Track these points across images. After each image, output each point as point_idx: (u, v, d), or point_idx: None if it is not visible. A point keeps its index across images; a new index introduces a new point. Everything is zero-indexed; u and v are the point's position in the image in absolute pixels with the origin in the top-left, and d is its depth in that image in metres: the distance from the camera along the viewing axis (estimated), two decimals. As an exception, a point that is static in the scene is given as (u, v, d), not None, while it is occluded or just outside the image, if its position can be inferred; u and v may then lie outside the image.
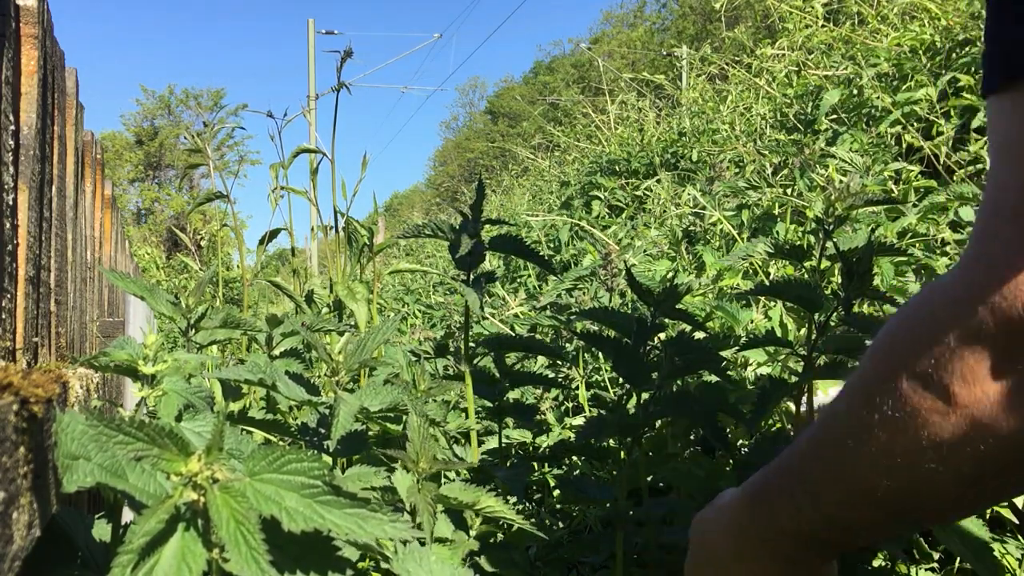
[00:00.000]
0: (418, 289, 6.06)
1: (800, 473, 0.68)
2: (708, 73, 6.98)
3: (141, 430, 0.56)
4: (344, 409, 0.94)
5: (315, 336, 1.07)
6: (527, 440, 1.87)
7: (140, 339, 0.84)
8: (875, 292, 1.18)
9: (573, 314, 2.01)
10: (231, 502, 0.56)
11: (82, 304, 1.65)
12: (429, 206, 25.43)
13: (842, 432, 0.62)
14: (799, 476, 0.68)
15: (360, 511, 0.59)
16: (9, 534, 0.50)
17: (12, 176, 0.86)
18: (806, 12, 4.51)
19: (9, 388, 0.55)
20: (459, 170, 35.31)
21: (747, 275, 2.61)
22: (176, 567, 0.54)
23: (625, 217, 5.25)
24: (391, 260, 7.69)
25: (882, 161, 3.01)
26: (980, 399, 0.52)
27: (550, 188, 7.80)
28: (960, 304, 0.53)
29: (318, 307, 1.90)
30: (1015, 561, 1.40)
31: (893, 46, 3.59)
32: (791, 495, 0.68)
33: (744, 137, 4.67)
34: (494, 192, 10.09)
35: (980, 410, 0.52)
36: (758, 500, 0.73)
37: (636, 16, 34.50)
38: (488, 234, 1.30)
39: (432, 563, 0.81)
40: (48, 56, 1.03)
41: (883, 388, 0.58)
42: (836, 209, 1.38)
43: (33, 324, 0.97)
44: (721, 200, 3.35)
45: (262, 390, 1.29)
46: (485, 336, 2.23)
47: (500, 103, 38.47)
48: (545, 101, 20.41)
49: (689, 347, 1.21)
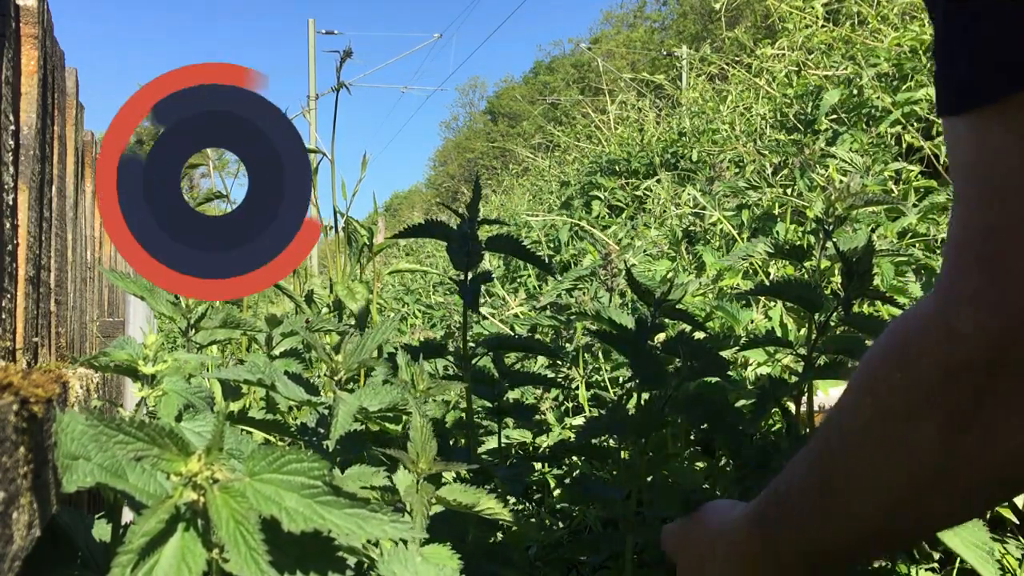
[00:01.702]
0: (418, 289, 6.06)
1: (796, 508, 0.68)
2: (708, 73, 6.98)
3: (141, 430, 0.56)
4: (343, 409, 0.94)
5: (314, 336, 1.07)
6: (527, 440, 1.87)
7: (140, 339, 0.84)
8: (875, 292, 1.18)
9: (573, 314, 2.01)
10: (231, 502, 0.56)
11: (82, 304, 1.65)
12: (429, 206, 25.42)
13: (827, 472, 0.63)
14: (795, 511, 0.68)
15: (360, 511, 0.59)
16: (9, 534, 0.50)
17: (12, 176, 0.86)
18: (806, 12, 4.51)
19: (9, 388, 0.55)
20: (459, 170, 35.30)
21: (747, 275, 2.61)
22: (176, 567, 0.54)
23: (625, 217, 5.25)
24: (391, 260, 7.69)
25: (882, 161, 3.01)
26: (961, 438, 0.52)
27: (550, 188, 7.80)
28: (935, 341, 0.53)
29: (318, 307, 1.90)
30: (1015, 561, 1.40)
31: (893, 46, 3.59)
32: (789, 527, 0.68)
33: (744, 137, 4.67)
34: (494, 192, 10.10)
35: (961, 444, 0.52)
36: (764, 528, 0.72)
37: (636, 16, 34.51)
38: (487, 234, 1.30)
39: (418, 564, 0.81)
40: (48, 56, 1.03)
41: (863, 426, 0.58)
42: (836, 209, 1.38)
43: (33, 324, 0.97)
44: (721, 200, 3.35)
45: (262, 390, 1.29)
46: (485, 336, 2.23)
47: (500, 103, 38.47)
48: (545, 101, 20.41)
49: (697, 348, 1.21)
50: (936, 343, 0.53)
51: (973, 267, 0.51)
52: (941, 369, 0.52)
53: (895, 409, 0.55)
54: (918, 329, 0.55)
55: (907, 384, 0.54)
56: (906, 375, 0.55)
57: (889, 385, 0.56)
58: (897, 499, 0.57)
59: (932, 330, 0.53)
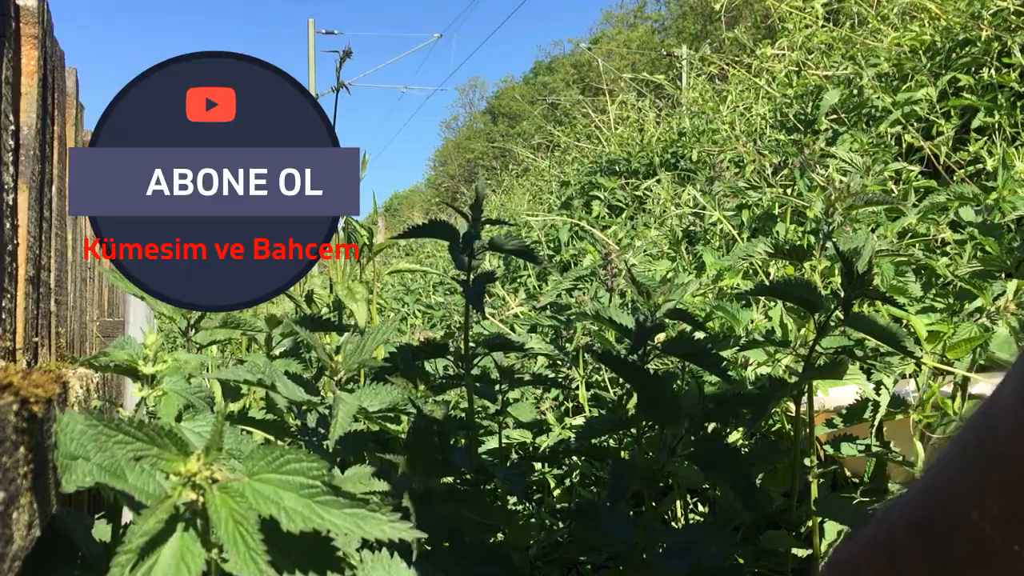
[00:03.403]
0: (418, 289, 6.06)
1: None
2: (708, 73, 6.98)
3: (140, 430, 0.56)
4: (343, 409, 0.94)
5: (314, 336, 1.07)
6: (527, 440, 1.87)
7: (140, 339, 0.84)
8: (875, 292, 1.18)
9: (573, 314, 2.01)
10: (230, 502, 0.56)
11: (82, 304, 1.65)
12: (429, 206, 25.42)
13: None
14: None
15: (359, 511, 0.59)
16: (9, 534, 0.50)
17: (12, 176, 0.86)
18: (806, 12, 4.51)
19: (9, 388, 0.55)
20: (459, 170, 35.29)
21: (747, 275, 2.61)
22: (175, 567, 0.54)
23: (625, 217, 5.25)
24: (391, 260, 7.69)
25: (882, 161, 3.01)
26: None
27: (550, 188, 7.80)
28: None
29: (318, 307, 1.90)
30: (1015, 561, 1.40)
31: (893, 46, 3.59)
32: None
33: (744, 137, 4.67)
34: (494, 192, 10.09)
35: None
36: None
37: (636, 16, 34.51)
38: (488, 234, 1.30)
39: (401, 571, 0.80)
40: (48, 56, 1.03)
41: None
42: (836, 209, 1.38)
43: (33, 324, 0.97)
44: (721, 200, 3.35)
45: (262, 390, 1.29)
46: (485, 336, 2.23)
47: (500, 103, 38.47)
48: (545, 101, 20.40)
49: (692, 346, 1.20)
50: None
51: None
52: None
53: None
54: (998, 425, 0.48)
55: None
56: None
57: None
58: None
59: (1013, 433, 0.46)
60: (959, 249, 2.18)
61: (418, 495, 0.93)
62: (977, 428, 0.53)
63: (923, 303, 1.81)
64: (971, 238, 2.11)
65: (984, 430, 0.51)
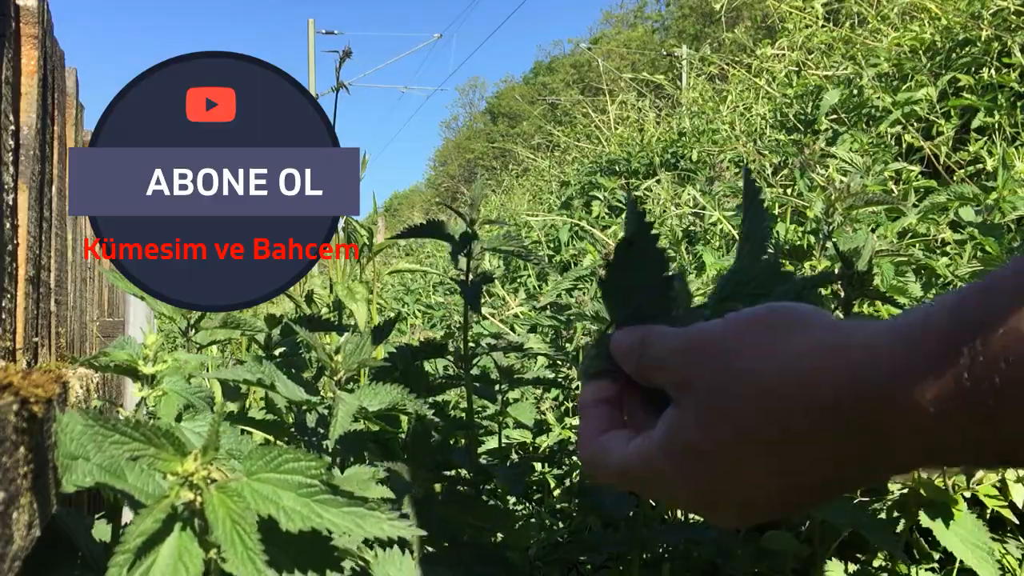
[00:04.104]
0: (418, 289, 6.06)
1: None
2: (708, 73, 6.98)
3: (137, 430, 0.56)
4: (343, 409, 0.94)
5: (314, 336, 1.07)
6: (527, 440, 1.87)
7: (140, 339, 0.84)
8: (875, 292, 1.18)
9: (573, 314, 2.01)
10: (227, 502, 0.56)
11: (82, 304, 1.65)
12: (429, 206, 25.42)
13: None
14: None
15: (358, 510, 0.59)
16: (9, 534, 0.50)
17: (12, 176, 0.86)
18: (806, 12, 4.51)
19: (9, 388, 0.55)
20: (459, 170, 35.30)
21: (747, 275, 2.60)
22: (173, 567, 0.54)
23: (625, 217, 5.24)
24: (391, 260, 7.69)
25: (882, 161, 3.01)
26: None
27: (550, 188, 7.80)
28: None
29: (318, 307, 1.90)
30: (1015, 561, 1.40)
31: (893, 46, 3.59)
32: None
33: (744, 137, 4.67)
34: (494, 192, 10.09)
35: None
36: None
37: (636, 16, 34.51)
38: (488, 234, 1.30)
39: (411, 568, 0.81)
40: (48, 56, 1.03)
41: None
42: (836, 209, 1.38)
43: (33, 324, 0.97)
44: (721, 200, 3.35)
45: (262, 390, 1.29)
46: (485, 336, 2.23)
47: (500, 103, 38.47)
48: (545, 101, 20.41)
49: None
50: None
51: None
52: None
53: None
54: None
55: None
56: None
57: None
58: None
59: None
60: (959, 249, 2.18)
61: (418, 499, 0.93)
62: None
63: (923, 303, 1.80)
64: (971, 238, 2.11)
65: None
